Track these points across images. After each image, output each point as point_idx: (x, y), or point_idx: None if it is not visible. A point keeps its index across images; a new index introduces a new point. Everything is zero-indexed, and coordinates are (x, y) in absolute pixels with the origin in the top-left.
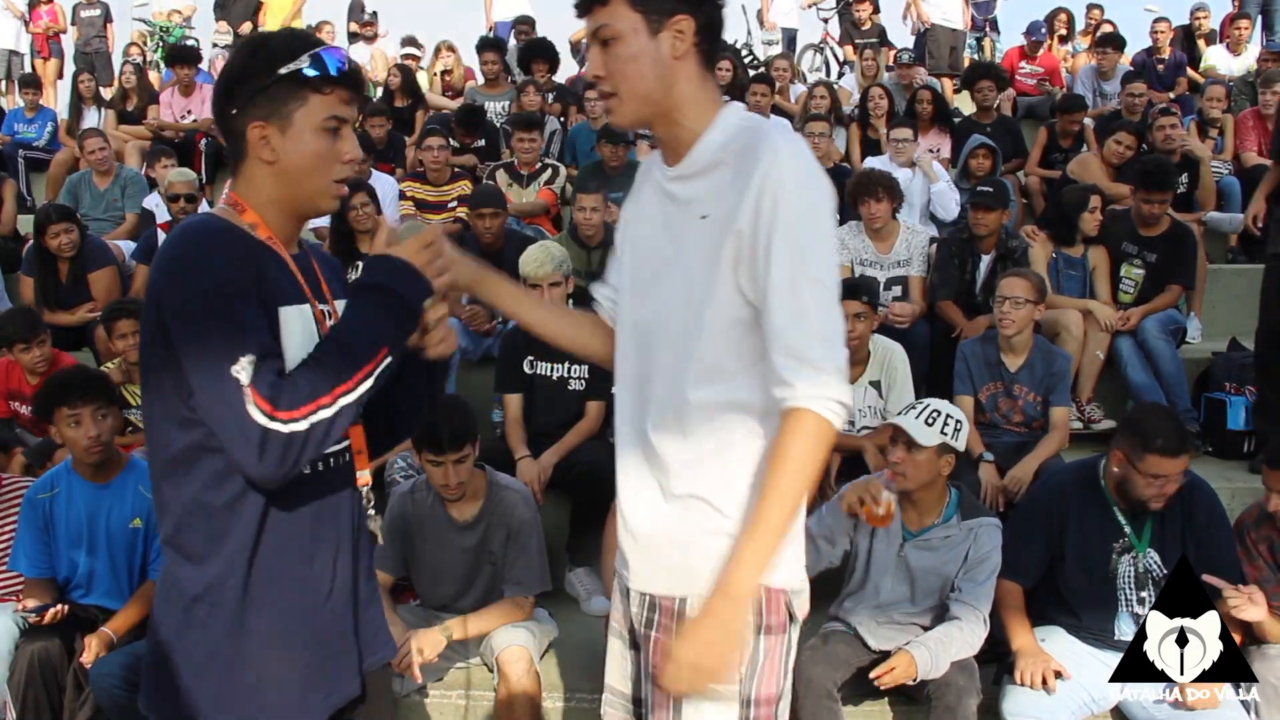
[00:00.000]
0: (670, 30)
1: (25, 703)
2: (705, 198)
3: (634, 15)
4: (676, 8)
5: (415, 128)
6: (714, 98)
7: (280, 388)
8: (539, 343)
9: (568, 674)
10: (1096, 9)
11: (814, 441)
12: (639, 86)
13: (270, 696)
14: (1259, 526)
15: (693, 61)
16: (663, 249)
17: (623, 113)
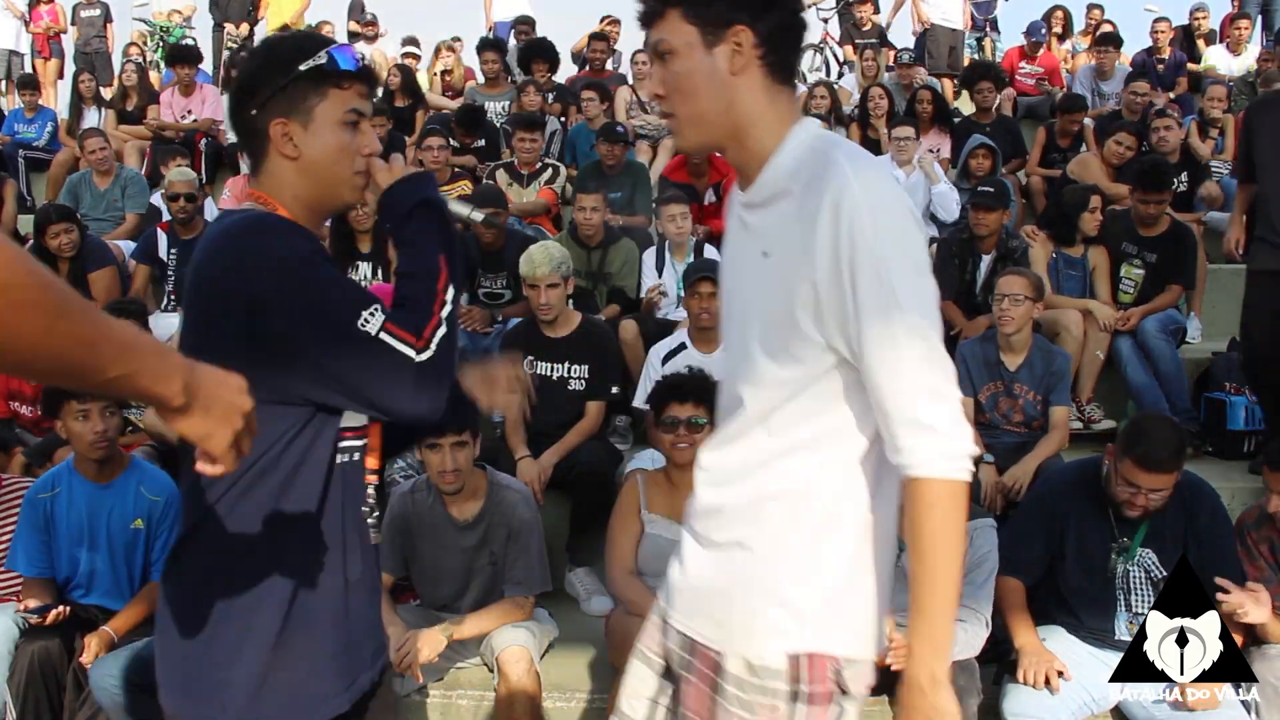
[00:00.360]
0: (728, 43)
1: (25, 703)
2: (768, 232)
3: (689, 28)
4: (733, 18)
5: (415, 128)
6: (785, 114)
7: (406, 322)
8: (539, 342)
9: (568, 674)
10: (1096, 9)
11: (945, 509)
12: (695, 106)
13: (307, 686)
14: (1259, 527)
15: (756, 76)
16: (728, 284)
17: (684, 135)
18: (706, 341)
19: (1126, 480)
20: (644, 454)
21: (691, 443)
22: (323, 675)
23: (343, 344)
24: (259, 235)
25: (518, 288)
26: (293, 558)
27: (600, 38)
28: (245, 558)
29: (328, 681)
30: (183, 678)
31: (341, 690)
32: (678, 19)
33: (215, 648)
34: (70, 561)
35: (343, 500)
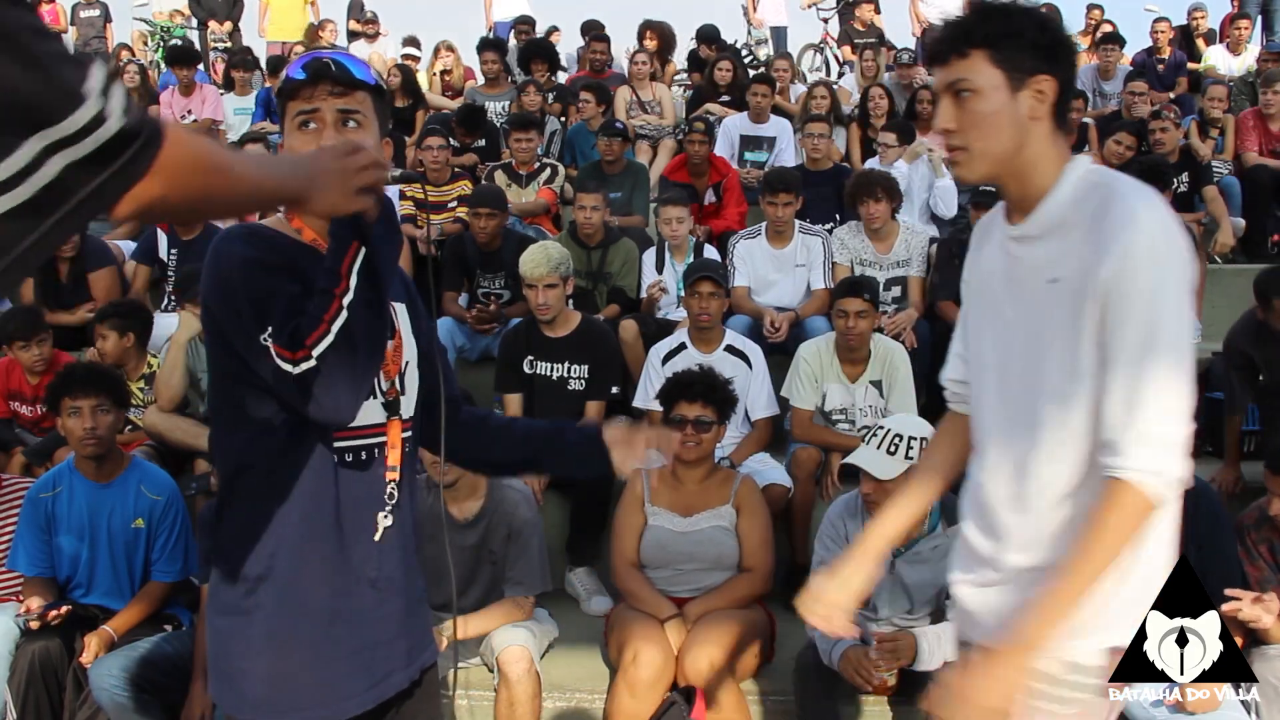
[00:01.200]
0: (1031, 89)
1: (25, 703)
2: (1055, 260)
3: (995, 72)
4: (1039, 66)
5: (415, 128)
6: (1064, 154)
7: (284, 336)
8: (538, 342)
9: (568, 674)
10: (1096, 9)
11: (1129, 516)
12: (993, 145)
13: (325, 682)
14: (1259, 528)
15: (1047, 121)
16: (1005, 313)
17: (972, 168)
18: (706, 341)
19: None
20: None
21: (698, 442)
22: (342, 673)
23: (256, 354)
24: (220, 242)
25: (516, 288)
26: (298, 556)
27: (600, 38)
28: (256, 555)
29: (348, 679)
30: (214, 664)
31: (364, 689)
32: (984, 62)
33: (235, 640)
34: (71, 561)
35: (353, 499)
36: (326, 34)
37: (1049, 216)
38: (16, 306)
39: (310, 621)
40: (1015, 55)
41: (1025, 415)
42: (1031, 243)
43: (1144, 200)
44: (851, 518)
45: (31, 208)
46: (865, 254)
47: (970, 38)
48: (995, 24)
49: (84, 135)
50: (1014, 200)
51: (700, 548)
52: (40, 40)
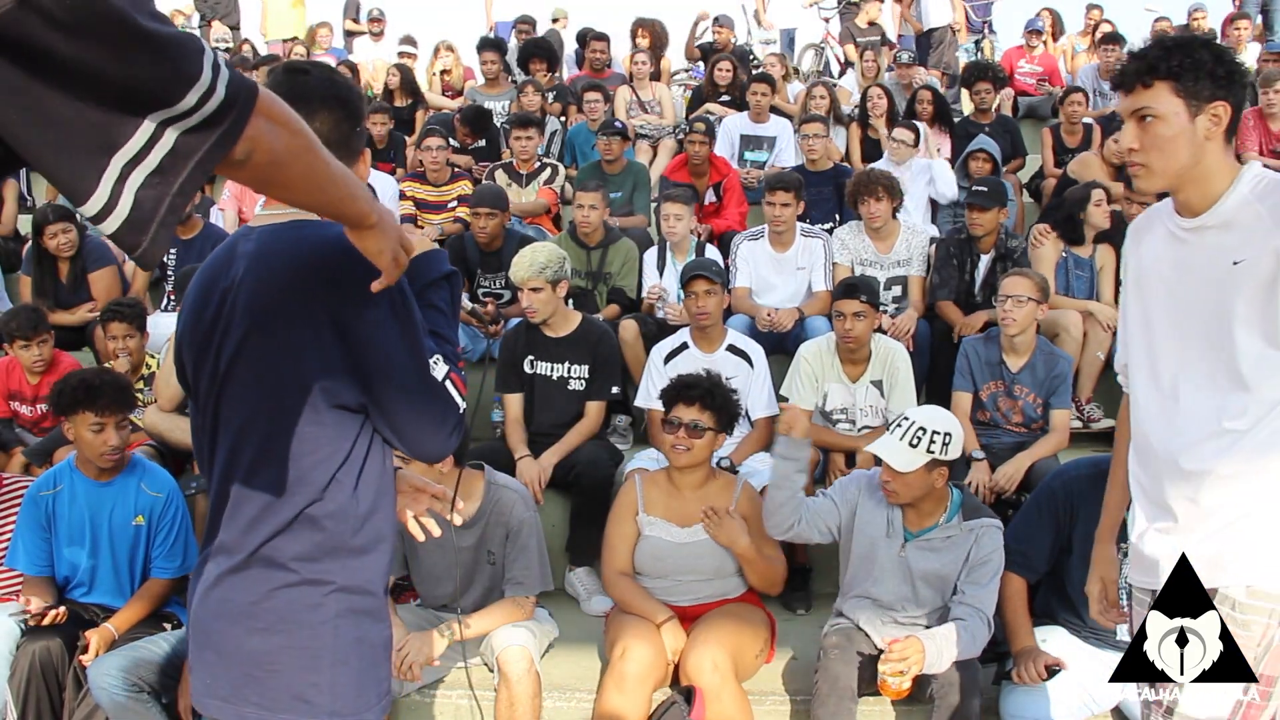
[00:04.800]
0: (1207, 114)
1: (26, 703)
2: (1237, 245)
3: (1177, 100)
4: (1216, 94)
5: (415, 127)
6: (1234, 164)
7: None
8: (538, 342)
9: (568, 674)
10: (1096, 9)
11: None
12: (1173, 164)
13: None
14: None
15: (1220, 138)
16: (1177, 298)
17: (1151, 182)
18: (708, 341)
19: None
20: (644, 454)
21: (689, 446)
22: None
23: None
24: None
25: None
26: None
27: (600, 37)
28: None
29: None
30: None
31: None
32: (1167, 92)
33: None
34: (71, 560)
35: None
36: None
37: (1231, 208)
38: (19, 305)
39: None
40: (1195, 85)
41: (1209, 379)
42: (1214, 232)
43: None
44: (870, 496)
45: (159, 173)
46: (866, 254)
47: (1155, 70)
48: (1178, 58)
49: (196, 110)
50: (1185, 201)
51: (699, 560)
52: (160, 27)
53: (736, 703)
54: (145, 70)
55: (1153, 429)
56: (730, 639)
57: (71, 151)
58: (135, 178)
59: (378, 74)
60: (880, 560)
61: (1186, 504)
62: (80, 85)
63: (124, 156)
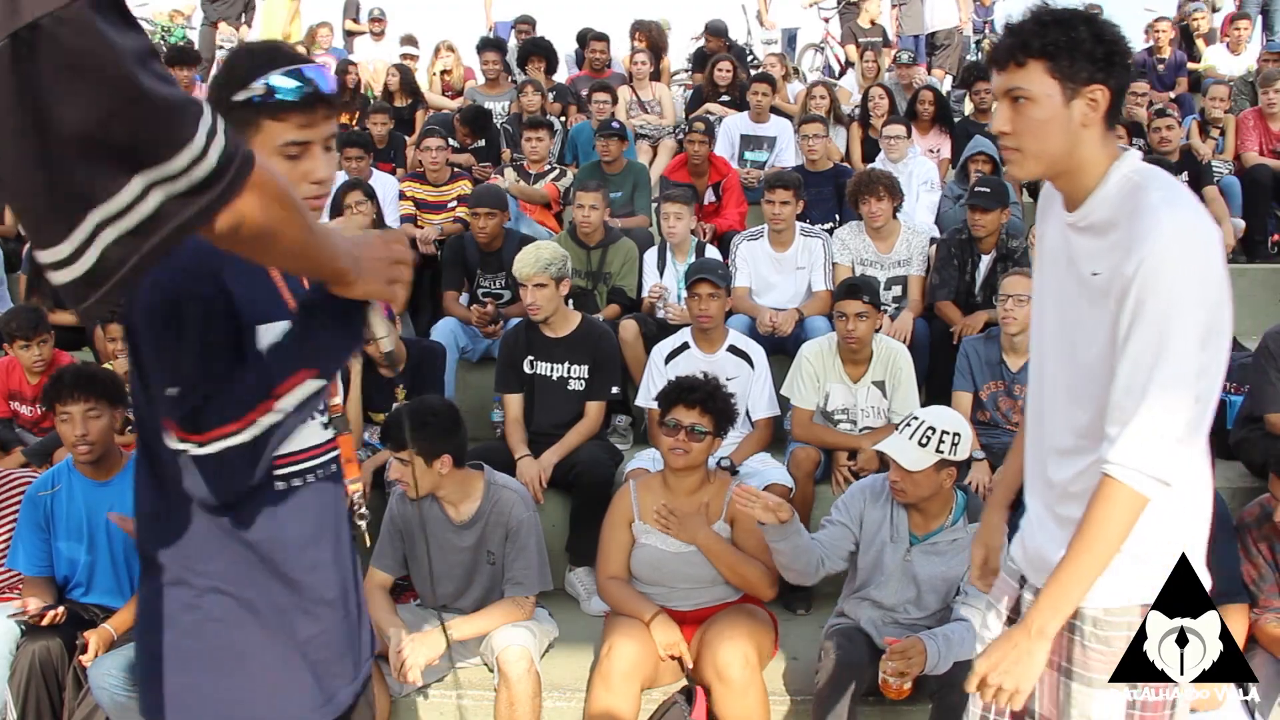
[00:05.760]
0: (1084, 98)
1: (26, 702)
2: (1096, 255)
3: (1052, 82)
4: (1094, 76)
5: (415, 127)
6: (1111, 153)
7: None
8: (538, 342)
9: (568, 674)
10: (1096, 9)
11: (1121, 511)
12: (1046, 148)
13: (271, 703)
14: (1260, 526)
15: (1098, 125)
16: (1057, 291)
17: (1025, 168)
18: (709, 341)
19: None
20: (644, 454)
21: (688, 450)
22: (287, 693)
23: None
24: None
25: (516, 287)
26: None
27: (600, 38)
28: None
29: (294, 700)
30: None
31: (314, 708)
32: (1041, 72)
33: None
34: (70, 560)
35: (320, 513)
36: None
37: (1094, 213)
38: (19, 305)
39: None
40: (1071, 66)
41: (1067, 389)
42: (1081, 233)
43: (1170, 204)
44: (874, 501)
45: (134, 234)
46: (866, 254)
47: (1029, 47)
48: (1053, 35)
49: (184, 174)
50: (1065, 192)
51: (695, 568)
52: (161, 87)
53: (761, 697)
54: (139, 128)
55: (1030, 428)
56: (752, 635)
57: (49, 197)
58: (108, 234)
59: (378, 74)
60: (885, 565)
61: (1046, 510)
62: (69, 133)
63: (102, 213)
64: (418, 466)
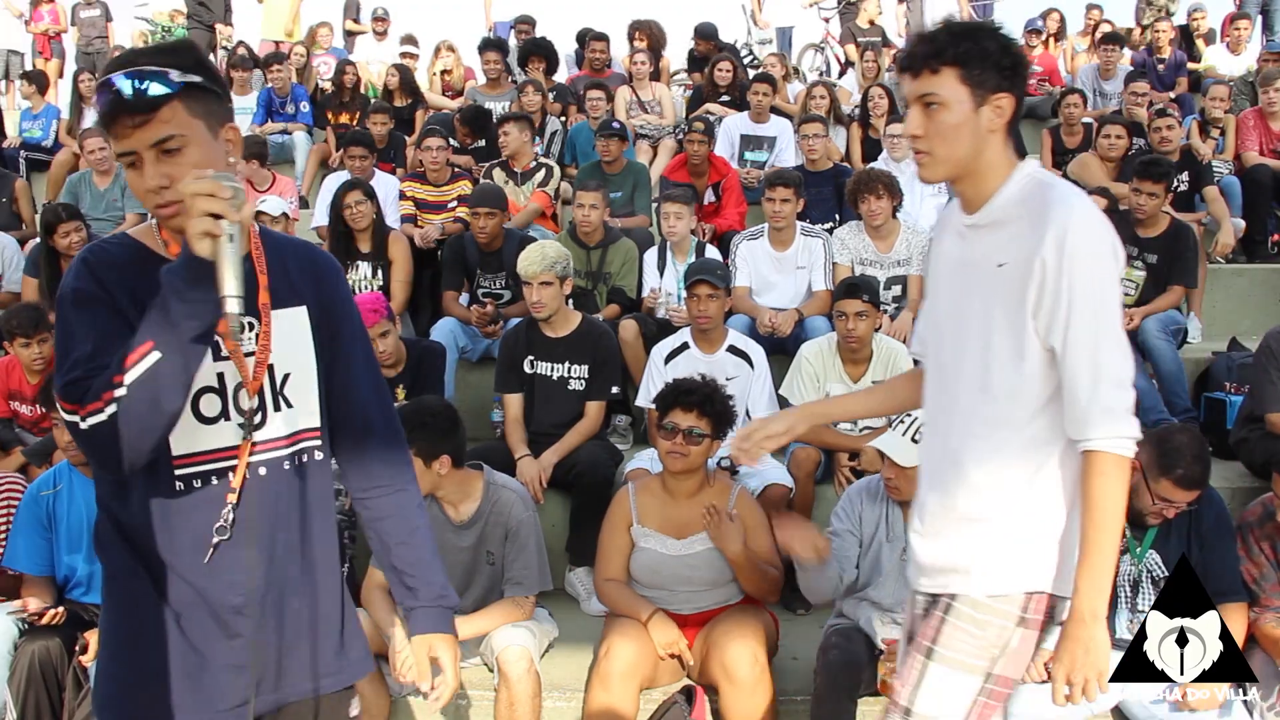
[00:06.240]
0: (991, 105)
1: (25, 702)
2: (1001, 248)
3: (963, 89)
4: (1001, 85)
5: (415, 127)
6: (1012, 159)
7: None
8: (538, 342)
9: (568, 674)
10: (1096, 9)
11: (1116, 478)
12: (955, 152)
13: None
14: (1262, 525)
15: (1001, 131)
16: (956, 293)
17: (934, 170)
18: (709, 342)
19: (1163, 498)
20: (644, 454)
21: (685, 453)
22: (161, 697)
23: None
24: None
25: (517, 287)
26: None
27: (599, 37)
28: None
29: (173, 704)
30: None
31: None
32: (953, 79)
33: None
34: (70, 560)
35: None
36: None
37: (999, 209)
38: (19, 304)
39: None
40: (981, 75)
41: (971, 382)
42: (983, 231)
43: (1079, 197)
44: (871, 500)
45: None
46: (866, 253)
47: (942, 55)
48: (965, 45)
49: None
50: (966, 195)
51: (695, 571)
52: None
53: (769, 696)
54: None
55: (930, 423)
56: (753, 636)
57: None
58: None
59: (381, 74)
60: (883, 564)
61: (939, 502)
62: None
63: None
64: (416, 467)
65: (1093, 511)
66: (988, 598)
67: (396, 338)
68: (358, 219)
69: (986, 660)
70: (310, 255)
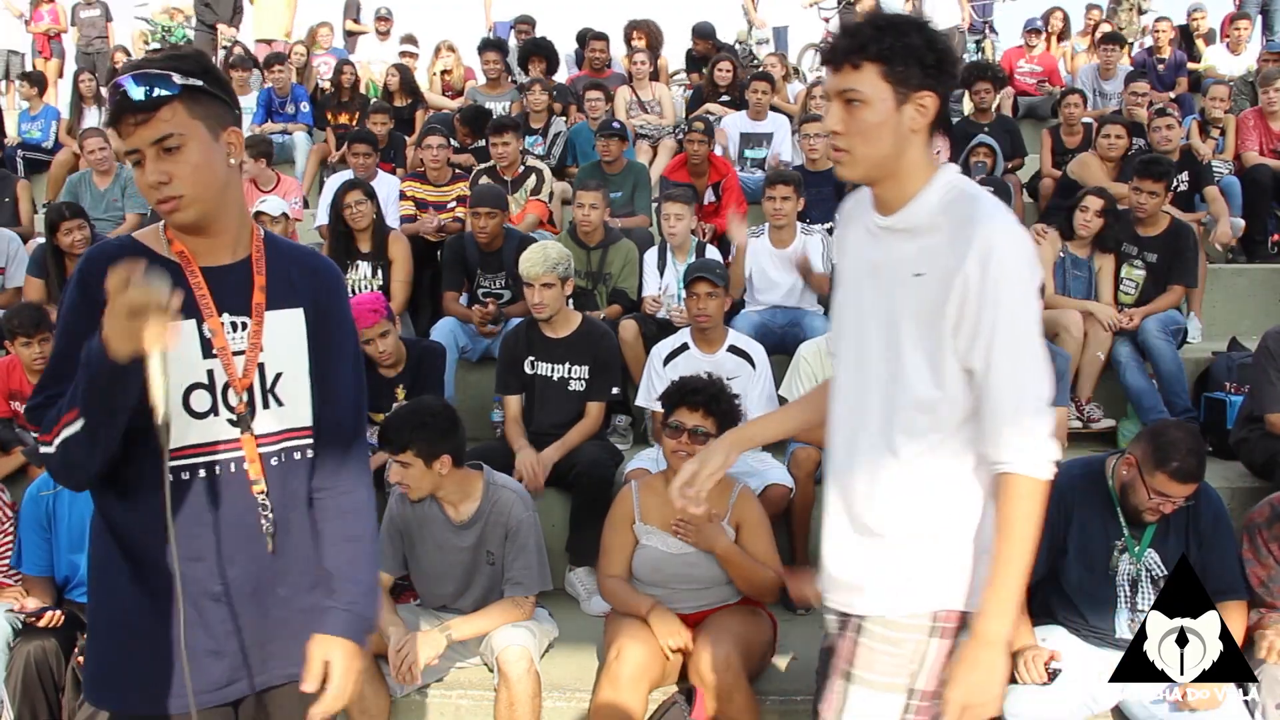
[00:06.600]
0: (914, 104)
1: (23, 703)
2: (918, 257)
3: (885, 86)
4: (925, 84)
5: (415, 127)
6: (933, 161)
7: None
8: (539, 342)
9: (568, 674)
10: (1095, 9)
11: (1032, 501)
12: (875, 151)
13: (122, 679)
14: (1270, 526)
15: (924, 131)
16: (864, 295)
17: (853, 169)
18: (709, 342)
19: (1159, 492)
20: (644, 454)
21: (691, 453)
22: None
23: None
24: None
25: (517, 288)
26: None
27: (600, 37)
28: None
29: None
30: None
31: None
32: (875, 76)
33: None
34: (70, 560)
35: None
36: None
37: (918, 215)
38: (20, 303)
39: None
40: (905, 72)
41: (881, 391)
42: (900, 236)
43: (1002, 213)
44: None
45: None
46: None
47: (865, 50)
48: (889, 40)
49: None
50: (885, 196)
51: (696, 569)
52: None
53: (748, 702)
54: None
55: (836, 427)
56: (740, 638)
57: None
58: None
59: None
60: None
61: (844, 512)
62: None
63: None
64: (417, 468)
65: (1006, 533)
66: (909, 616)
67: (396, 338)
68: (358, 219)
69: (906, 677)
70: (313, 263)
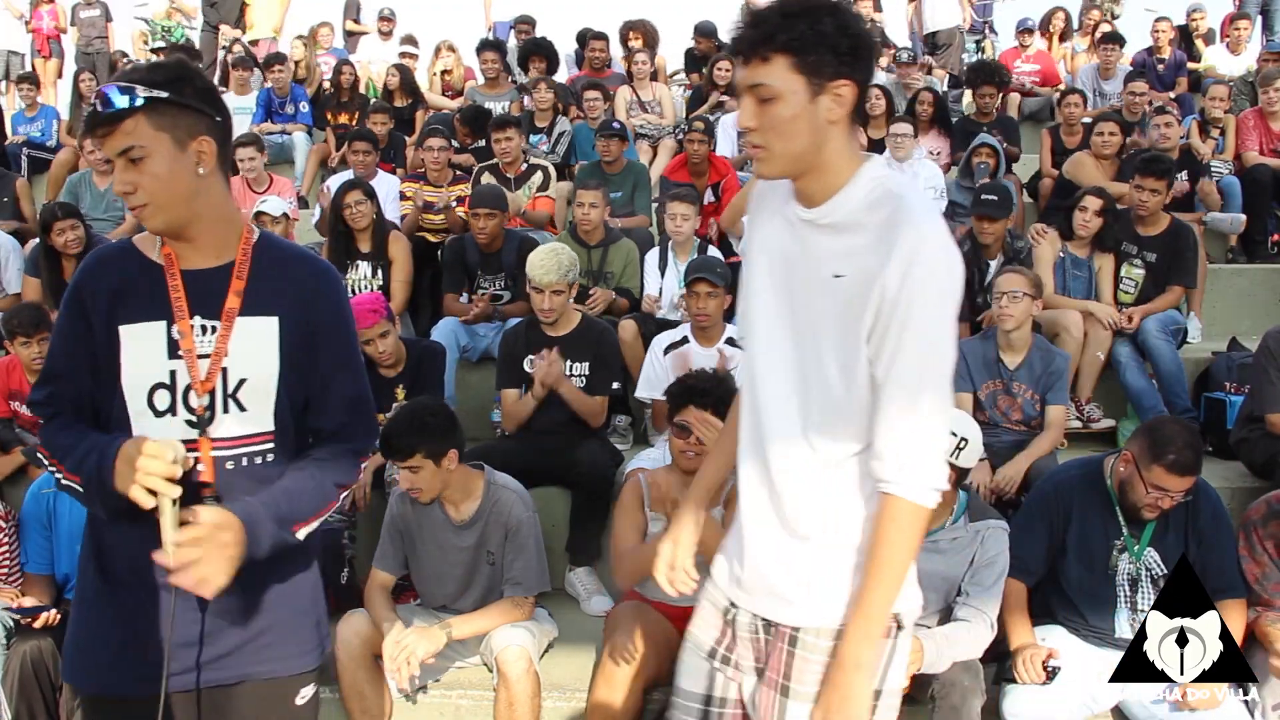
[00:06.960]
0: (830, 94)
1: (20, 704)
2: (840, 257)
3: (796, 78)
4: (839, 72)
5: (415, 127)
6: (857, 152)
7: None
8: (539, 340)
9: (568, 674)
10: (1095, 9)
11: (910, 526)
12: (792, 147)
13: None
14: (1266, 524)
15: (845, 123)
16: (778, 291)
17: (771, 165)
18: (708, 339)
19: (1156, 486)
20: (644, 454)
21: (699, 452)
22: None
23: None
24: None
25: (517, 288)
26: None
27: (600, 37)
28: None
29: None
30: None
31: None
32: (785, 68)
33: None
34: (70, 559)
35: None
36: (322, 37)
37: (841, 212)
38: (21, 303)
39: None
40: (816, 61)
41: (797, 390)
42: (821, 231)
43: (930, 219)
44: None
45: None
46: None
47: (772, 41)
48: (797, 29)
49: None
50: (807, 191)
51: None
52: None
53: None
54: None
55: (748, 426)
56: None
57: None
58: None
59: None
60: None
61: (780, 528)
62: None
63: None
64: (428, 469)
65: (878, 556)
66: (832, 625)
67: (396, 338)
68: (358, 218)
69: None
70: (313, 268)
